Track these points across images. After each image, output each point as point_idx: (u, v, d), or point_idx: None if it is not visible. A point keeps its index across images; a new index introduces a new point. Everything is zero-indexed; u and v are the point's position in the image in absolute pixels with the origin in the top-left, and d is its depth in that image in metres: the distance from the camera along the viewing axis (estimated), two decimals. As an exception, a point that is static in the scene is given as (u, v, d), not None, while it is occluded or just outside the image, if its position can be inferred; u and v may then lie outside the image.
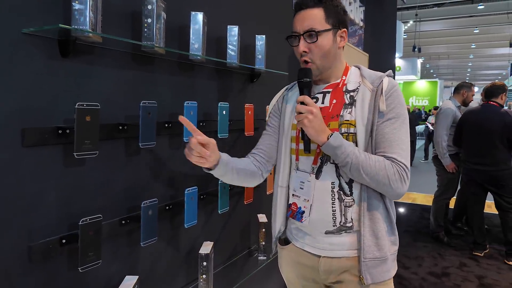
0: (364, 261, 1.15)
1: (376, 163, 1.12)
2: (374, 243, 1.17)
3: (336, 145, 1.12)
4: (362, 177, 1.13)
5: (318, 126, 1.12)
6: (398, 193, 1.15)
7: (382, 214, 1.19)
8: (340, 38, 1.24)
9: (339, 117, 1.19)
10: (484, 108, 3.69)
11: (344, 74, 1.27)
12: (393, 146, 1.14)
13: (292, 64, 2.36)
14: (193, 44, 1.40)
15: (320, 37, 1.18)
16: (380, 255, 1.17)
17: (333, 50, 1.22)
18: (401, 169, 1.12)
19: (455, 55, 20.92)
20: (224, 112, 1.55)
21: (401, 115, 1.17)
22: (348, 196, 1.18)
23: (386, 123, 1.16)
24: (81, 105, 1.01)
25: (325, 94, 1.26)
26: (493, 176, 3.57)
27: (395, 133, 1.15)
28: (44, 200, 1.06)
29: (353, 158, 1.11)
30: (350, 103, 1.20)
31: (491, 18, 13.05)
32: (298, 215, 1.23)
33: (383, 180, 1.12)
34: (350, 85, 1.24)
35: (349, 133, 1.18)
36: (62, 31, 1.04)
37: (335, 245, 1.20)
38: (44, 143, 1.04)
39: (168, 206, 1.44)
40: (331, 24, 1.20)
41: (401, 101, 1.19)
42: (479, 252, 3.80)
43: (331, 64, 1.24)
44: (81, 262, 1.04)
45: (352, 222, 1.18)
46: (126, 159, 1.29)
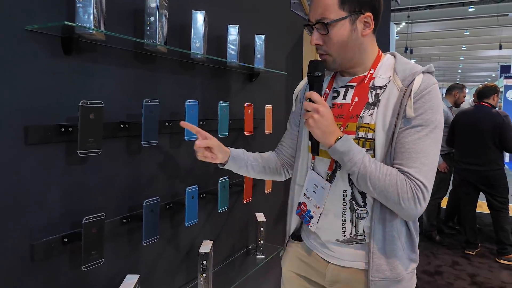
0: (372, 280, 1.03)
1: (386, 177, 0.97)
2: (386, 262, 1.04)
3: (343, 151, 0.99)
4: (369, 189, 0.99)
5: (325, 127, 1.00)
6: (409, 214, 0.98)
7: (399, 230, 1.05)
8: (364, 24, 1.04)
9: (358, 118, 1.04)
10: (477, 109, 3.74)
11: (373, 66, 1.08)
12: (412, 159, 0.97)
13: (290, 63, 2.37)
14: (195, 43, 1.40)
15: (334, 28, 1.01)
16: (392, 275, 1.04)
17: (353, 41, 1.04)
18: (416, 187, 0.95)
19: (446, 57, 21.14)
20: (224, 111, 1.56)
21: (430, 122, 0.98)
22: (361, 207, 1.05)
23: (409, 130, 0.98)
24: (85, 103, 1.00)
25: (348, 89, 1.10)
26: (485, 176, 3.62)
27: (419, 143, 0.97)
28: (47, 198, 1.05)
29: (361, 167, 0.98)
30: (374, 103, 1.04)
31: (481, 21, 13.22)
32: (306, 217, 1.14)
33: (393, 197, 0.96)
34: (378, 80, 1.06)
35: (366, 138, 1.02)
36: (65, 28, 1.04)
37: (345, 255, 1.10)
38: (47, 141, 1.03)
39: (169, 205, 1.44)
40: (348, 10, 1.01)
41: (433, 105, 0.99)
42: (471, 251, 3.86)
43: (353, 55, 1.06)
44: (84, 261, 1.04)
45: (364, 235, 1.06)
46: (128, 158, 1.28)
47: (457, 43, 17.03)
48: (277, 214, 2.34)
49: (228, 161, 1.18)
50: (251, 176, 1.27)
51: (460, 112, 3.91)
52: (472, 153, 3.67)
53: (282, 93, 2.32)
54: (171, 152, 1.47)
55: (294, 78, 2.45)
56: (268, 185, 1.95)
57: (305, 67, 2.51)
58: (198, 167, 1.61)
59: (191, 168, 1.57)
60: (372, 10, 1.04)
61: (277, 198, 2.33)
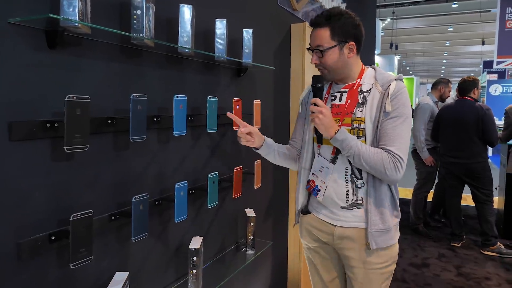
0: (370, 232, 1.43)
1: (375, 155, 1.35)
2: (379, 218, 1.43)
3: (341, 139, 1.37)
4: (363, 165, 1.37)
5: (327, 123, 1.37)
6: (392, 179, 1.38)
7: (386, 194, 1.45)
8: (349, 49, 1.42)
9: (352, 114, 1.43)
10: (459, 103, 3.80)
11: (359, 77, 1.48)
12: (392, 140, 1.37)
13: (278, 58, 2.37)
14: (182, 37, 1.39)
15: (326, 53, 1.41)
16: (384, 227, 1.44)
17: (341, 61, 1.43)
18: (396, 160, 1.35)
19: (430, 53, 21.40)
20: (213, 106, 1.54)
21: (403, 114, 1.38)
22: (359, 179, 1.45)
23: (388, 120, 1.38)
24: (71, 97, 0.98)
25: (342, 93, 1.49)
26: (469, 168, 3.68)
27: (395, 129, 1.37)
28: (32, 195, 1.03)
29: (355, 149, 1.36)
30: (362, 103, 1.43)
31: (464, 17, 13.40)
32: (315, 191, 1.52)
33: (380, 169, 1.35)
34: (364, 86, 1.46)
35: (359, 128, 1.42)
36: (50, 21, 1.01)
37: (348, 218, 1.47)
38: (32, 137, 1.01)
39: (158, 201, 1.42)
40: (337, 40, 1.40)
41: (405, 103, 1.39)
42: (456, 243, 3.93)
43: (342, 71, 1.46)
44: (73, 259, 1.02)
45: (362, 200, 1.45)
46: (116, 153, 1.26)
47: (441, 39, 17.25)
48: (267, 209, 2.34)
49: (262, 145, 1.52)
50: (275, 161, 1.61)
51: (443, 107, 3.97)
52: (457, 147, 3.73)
53: (271, 88, 2.31)
54: (159, 148, 1.45)
55: (283, 73, 2.45)
56: (257, 180, 1.95)
57: (293, 62, 2.51)
58: (187, 163, 1.60)
59: (180, 164, 1.56)
60: (355, 40, 1.43)
61: (266, 194, 2.33)
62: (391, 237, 1.46)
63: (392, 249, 1.49)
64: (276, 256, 2.50)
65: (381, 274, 1.49)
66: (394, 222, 1.48)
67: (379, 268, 1.48)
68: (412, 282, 3.14)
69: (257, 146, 1.51)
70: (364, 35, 1.46)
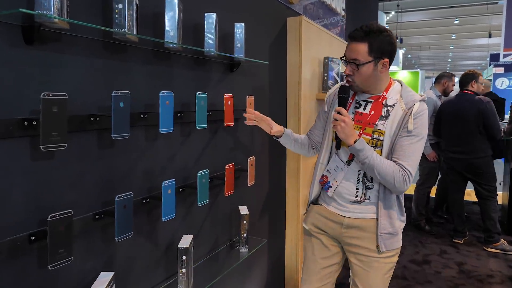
0: (380, 235, 1.55)
1: (387, 167, 1.47)
2: (388, 222, 1.56)
3: (359, 149, 1.48)
4: (375, 174, 1.49)
5: (348, 132, 1.48)
6: (400, 190, 1.52)
7: (394, 200, 1.57)
8: (382, 65, 1.50)
9: (374, 125, 1.54)
10: (459, 97, 3.74)
11: (386, 90, 1.57)
12: (406, 156, 1.48)
13: (273, 53, 2.32)
14: (169, 31, 1.35)
15: (362, 67, 1.49)
16: (392, 230, 1.57)
17: (374, 76, 1.52)
18: (406, 174, 1.48)
19: (436, 46, 21.17)
20: (202, 103, 1.51)
21: (420, 134, 1.49)
22: (370, 182, 1.58)
23: (407, 137, 1.49)
24: (47, 95, 0.95)
25: (367, 103, 1.59)
26: (471, 164, 3.62)
27: (411, 146, 1.48)
28: (11, 195, 1.00)
29: (370, 160, 1.47)
30: (385, 116, 1.53)
31: (471, 9, 13.22)
32: (326, 186, 1.66)
33: (390, 180, 1.48)
34: (389, 100, 1.55)
35: (378, 139, 1.54)
36: (26, 16, 0.98)
37: (357, 209, 1.60)
38: (8, 135, 0.98)
39: (145, 200, 1.40)
40: (373, 56, 1.47)
41: (424, 124, 1.50)
42: (459, 239, 3.88)
43: (371, 85, 1.55)
44: (51, 260, 0.99)
45: (370, 199, 1.58)
46: (99, 152, 1.23)
47: (447, 32, 17.04)
48: (263, 206, 2.31)
49: (282, 135, 1.70)
50: (291, 149, 1.78)
51: (445, 101, 3.91)
52: (457, 142, 3.67)
53: (266, 83, 2.27)
54: (147, 145, 1.42)
55: (278, 68, 2.40)
56: (251, 177, 1.92)
57: (289, 56, 2.46)
58: (176, 161, 1.57)
59: (168, 161, 1.53)
60: (389, 57, 1.51)
61: (262, 191, 2.30)
62: (397, 239, 1.60)
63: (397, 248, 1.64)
64: (272, 254, 2.47)
65: (385, 263, 1.60)
66: (401, 227, 1.62)
67: (384, 258, 1.59)
68: (412, 279, 3.10)
69: (278, 135, 1.69)
70: (396, 51, 1.56)
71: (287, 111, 2.49)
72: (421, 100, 1.53)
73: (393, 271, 1.65)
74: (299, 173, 2.50)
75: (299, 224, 2.55)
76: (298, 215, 2.54)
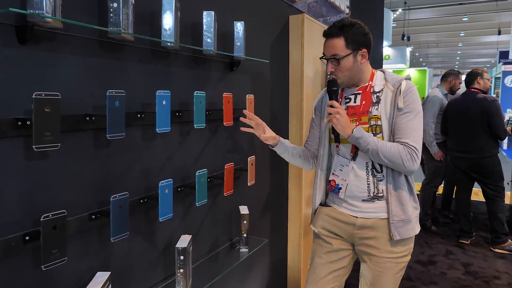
0: (392, 223, 1.51)
1: (391, 148, 1.45)
2: (400, 209, 1.51)
3: (358, 136, 1.47)
4: (381, 159, 1.46)
5: (344, 123, 1.48)
6: (410, 170, 1.48)
7: (405, 186, 1.53)
8: (361, 56, 1.54)
9: (368, 113, 1.54)
10: (464, 96, 3.69)
11: (370, 79, 1.59)
12: (406, 133, 1.47)
13: (275, 51, 2.31)
14: (166, 30, 1.34)
15: (342, 61, 1.52)
16: (405, 217, 1.52)
17: (355, 68, 1.54)
18: (412, 151, 1.45)
19: (444, 43, 20.95)
20: (200, 102, 1.50)
21: (414, 109, 1.49)
22: (380, 173, 1.54)
23: (402, 116, 1.49)
24: (39, 94, 0.95)
25: (356, 95, 1.60)
26: (477, 164, 3.57)
27: (409, 123, 1.48)
28: (5, 195, 1.00)
29: (373, 145, 1.46)
30: (377, 102, 1.54)
31: (480, 6, 13.05)
32: (336, 190, 1.61)
33: (398, 161, 1.45)
34: (376, 87, 1.57)
35: (376, 125, 1.53)
36: (19, 16, 0.97)
37: (369, 209, 1.56)
38: (2, 135, 0.98)
39: (143, 200, 1.39)
40: (351, 48, 1.51)
41: (415, 99, 1.50)
42: (465, 239, 3.82)
43: (355, 77, 1.57)
44: (44, 260, 0.99)
45: (383, 192, 1.54)
46: (95, 151, 1.23)
47: (456, 29, 16.85)
48: (264, 206, 2.30)
49: (277, 144, 1.65)
50: (290, 161, 1.73)
51: (451, 100, 3.86)
52: (463, 141, 3.62)
53: (268, 82, 2.25)
54: (144, 145, 1.41)
55: (281, 66, 2.38)
56: (251, 177, 1.90)
57: (291, 55, 2.44)
58: (175, 160, 1.56)
59: (166, 161, 1.52)
60: (366, 47, 1.55)
61: (263, 190, 2.28)
62: (412, 227, 1.54)
63: (410, 240, 1.58)
64: (274, 254, 2.46)
65: (397, 263, 1.57)
66: (415, 214, 1.56)
67: (396, 258, 1.56)
68: (417, 280, 3.07)
69: (272, 144, 1.65)
70: (372, 41, 1.59)
71: (289, 110, 2.48)
72: (406, 78, 1.55)
73: (404, 270, 1.61)
74: (301, 173, 2.48)
75: (301, 224, 2.53)
76: (300, 214, 2.52)
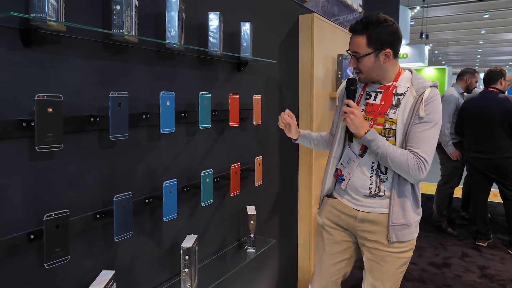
0: (391, 225, 1.54)
1: (401, 156, 1.46)
2: (401, 213, 1.54)
3: (371, 139, 1.49)
4: (389, 164, 1.49)
5: (358, 123, 1.50)
6: (415, 179, 1.50)
7: (409, 191, 1.54)
8: (385, 56, 1.50)
9: (385, 114, 1.54)
10: (483, 95, 3.59)
11: (395, 80, 1.57)
12: (419, 143, 1.46)
13: (284, 51, 2.30)
14: (169, 31, 1.35)
15: (363, 59, 1.51)
16: (405, 221, 1.54)
17: (377, 67, 1.52)
18: (421, 161, 1.45)
19: (464, 41, 20.47)
20: (205, 102, 1.50)
21: (433, 120, 1.47)
22: (384, 174, 1.56)
23: (419, 124, 1.47)
24: (41, 96, 0.97)
25: (377, 94, 1.59)
26: (495, 164, 3.48)
27: (424, 133, 1.46)
28: (10, 194, 1.02)
29: (383, 149, 1.48)
30: (396, 105, 1.53)
31: (501, 2, 12.69)
32: (340, 179, 1.68)
33: (404, 169, 1.46)
34: (399, 89, 1.55)
35: (390, 128, 1.53)
36: (23, 19, 1.00)
37: (371, 204, 1.59)
38: (7, 136, 1.00)
39: (148, 199, 1.41)
40: (373, 48, 1.49)
41: (437, 109, 1.48)
42: (482, 242, 3.73)
43: (378, 75, 1.56)
44: (47, 258, 1.01)
45: (384, 192, 1.57)
46: (100, 152, 1.25)
47: (476, 26, 16.44)
48: (273, 206, 2.29)
49: (298, 138, 1.80)
50: (315, 148, 1.88)
51: (467, 99, 3.76)
52: (481, 141, 3.53)
53: (276, 82, 2.25)
54: (149, 145, 1.43)
55: (290, 66, 2.37)
56: (258, 177, 1.90)
57: (301, 54, 2.43)
58: (180, 160, 1.57)
59: (172, 161, 1.53)
60: (391, 47, 1.50)
61: (272, 191, 2.28)
62: (410, 232, 1.57)
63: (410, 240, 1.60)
64: (284, 254, 2.45)
65: (398, 258, 1.59)
66: (416, 219, 1.58)
67: (397, 253, 1.58)
68: (430, 282, 3.01)
69: (295, 138, 1.79)
70: (401, 40, 1.55)
71: (299, 110, 2.46)
72: (432, 86, 1.51)
73: (406, 266, 1.63)
74: (311, 173, 2.46)
75: (312, 224, 2.51)
76: (311, 215, 2.51)
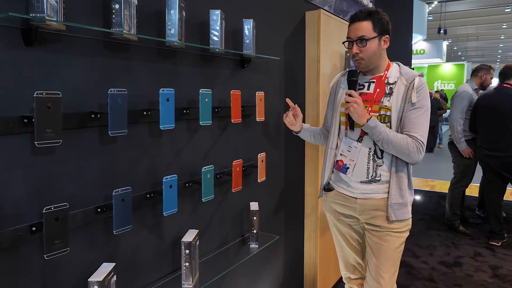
0: (390, 205, 1.67)
1: (401, 140, 1.60)
2: (399, 193, 1.67)
3: (373, 126, 1.60)
4: (390, 148, 1.62)
5: (360, 112, 1.61)
6: (415, 160, 1.64)
7: (405, 173, 1.68)
8: (384, 42, 1.68)
9: (379, 102, 1.67)
10: (497, 91, 3.51)
11: (386, 70, 1.72)
12: (415, 127, 1.61)
13: (289, 48, 2.30)
14: (169, 29, 1.37)
15: (369, 42, 1.63)
16: (402, 201, 1.68)
17: (379, 51, 1.67)
18: (419, 144, 1.61)
19: (484, 36, 19.97)
20: (206, 99, 1.52)
21: (424, 105, 1.62)
22: (380, 159, 1.69)
23: (413, 110, 1.61)
24: (40, 93, 1.00)
25: (370, 84, 1.73)
26: (507, 162, 3.40)
27: (418, 118, 1.61)
28: (13, 188, 1.06)
29: (384, 135, 1.60)
30: (389, 93, 1.66)
31: (523, -4, 12.34)
32: (344, 169, 1.74)
33: (405, 152, 1.60)
34: (391, 78, 1.69)
35: (386, 115, 1.65)
36: (23, 19, 1.03)
37: (367, 190, 1.72)
38: (9, 132, 1.04)
39: (149, 194, 1.44)
40: (377, 32, 1.64)
41: (426, 96, 1.64)
42: (495, 241, 3.66)
43: (377, 61, 1.69)
44: (47, 250, 1.05)
45: (380, 177, 1.69)
46: (101, 148, 1.28)
47: (497, 21, 16.02)
48: (278, 202, 2.30)
49: (301, 131, 1.89)
50: (312, 141, 1.97)
51: (481, 95, 3.68)
52: (493, 138, 3.46)
53: (281, 79, 2.25)
54: (151, 141, 1.46)
55: (296, 63, 2.37)
56: (261, 173, 1.91)
57: (308, 51, 2.42)
58: (182, 156, 1.59)
59: (174, 157, 1.56)
60: (388, 34, 1.69)
61: (277, 187, 2.29)
62: (407, 211, 1.70)
63: (407, 220, 1.73)
64: (290, 251, 2.46)
65: (397, 237, 1.72)
66: (410, 199, 1.72)
67: (395, 232, 1.71)
68: (440, 281, 2.97)
69: (297, 130, 1.88)
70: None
71: (305, 106, 2.46)
72: (419, 75, 1.66)
73: (403, 246, 1.77)
74: (318, 169, 2.46)
75: (318, 221, 2.51)
76: (317, 211, 2.51)
